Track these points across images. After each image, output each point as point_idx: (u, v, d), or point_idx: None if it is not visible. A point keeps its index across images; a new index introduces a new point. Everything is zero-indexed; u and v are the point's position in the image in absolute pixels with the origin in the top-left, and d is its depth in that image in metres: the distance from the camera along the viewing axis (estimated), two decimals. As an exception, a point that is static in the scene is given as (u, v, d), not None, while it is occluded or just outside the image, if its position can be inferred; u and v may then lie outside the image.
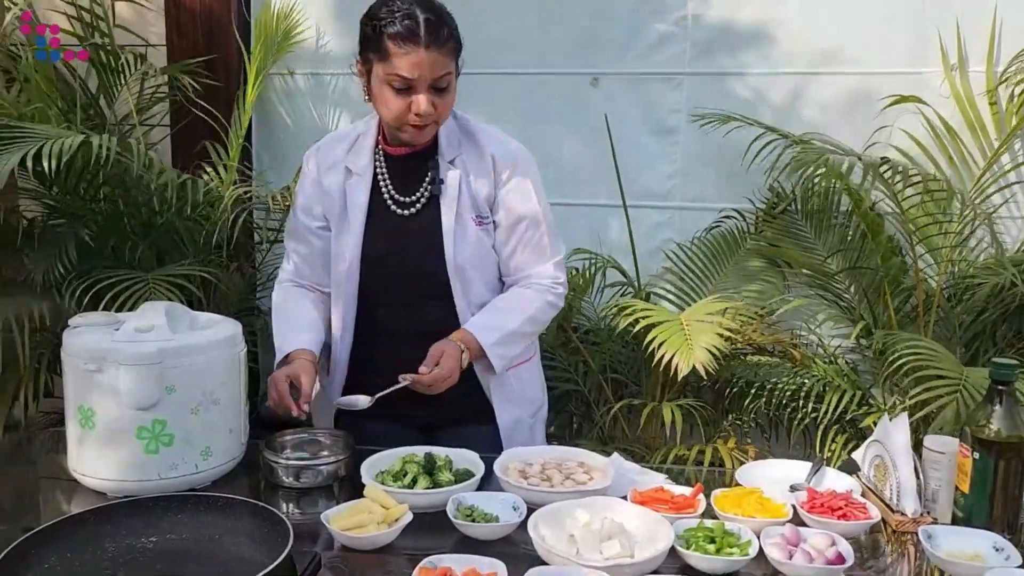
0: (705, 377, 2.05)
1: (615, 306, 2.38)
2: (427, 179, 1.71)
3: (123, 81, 2.53)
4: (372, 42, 1.58)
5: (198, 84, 2.55)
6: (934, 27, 2.43)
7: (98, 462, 1.42)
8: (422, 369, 1.59)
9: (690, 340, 2.05)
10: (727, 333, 2.12)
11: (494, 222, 1.72)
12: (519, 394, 1.80)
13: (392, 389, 1.59)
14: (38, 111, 2.25)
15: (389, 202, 1.72)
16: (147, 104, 2.63)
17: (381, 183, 1.72)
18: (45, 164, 1.91)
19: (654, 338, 2.09)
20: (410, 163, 1.71)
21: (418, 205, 1.71)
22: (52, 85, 2.43)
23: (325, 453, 1.57)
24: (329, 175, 1.74)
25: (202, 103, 2.62)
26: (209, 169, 2.52)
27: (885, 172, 2.17)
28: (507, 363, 1.72)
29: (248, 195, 2.36)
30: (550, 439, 2.09)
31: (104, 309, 1.99)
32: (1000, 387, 1.34)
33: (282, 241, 2.66)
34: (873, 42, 2.48)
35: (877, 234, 2.31)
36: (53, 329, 2.21)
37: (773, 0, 2.54)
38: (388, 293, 1.72)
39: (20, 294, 2.24)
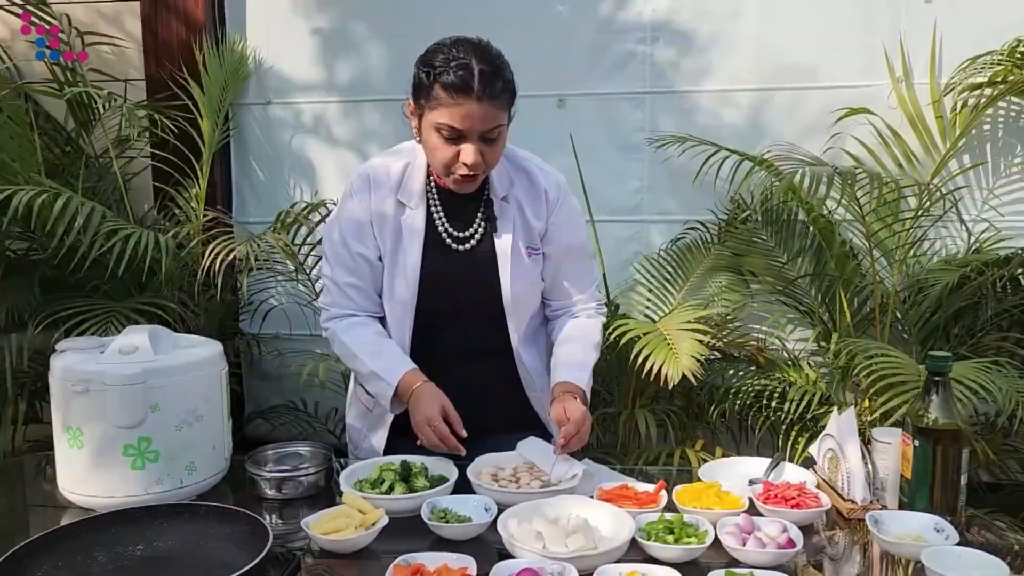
0: (694, 381, 2.11)
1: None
2: (480, 214, 1.73)
3: (96, 117, 2.59)
4: (425, 88, 1.57)
5: (176, 117, 2.61)
6: (880, 42, 2.54)
7: (87, 480, 1.48)
8: (565, 430, 1.58)
9: (674, 349, 2.12)
10: (706, 339, 2.20)
11: (543, 252, 1.77)
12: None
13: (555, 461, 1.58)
14: (14, 151, 2.31)
15: (444, 236, 1.73)
16: (125, 137, 2.69)
17: (435, 216, 1.73)
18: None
19: (640, 350, 2.14)
20: (461, 197, 1.71)
21: (473, 241, 1.73)
22: (27, 126, 2.47)
23: (305, 465, 1.63)
24: (383, 207, 1.71)
25: (186, 130, 2.68)
26: (182, 203, 2.58)
27: (840, 174, 2.26)
28: (590, 393, 1.76)
29: (214, 229, 2.40)
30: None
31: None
32: (936, 378, 1.42)
33: (261, 269, 2.75)
34: (826, 58, 2.60)
35: (831, 241, 2.41)
36: (32, 358, 2.27)
37: (729, 22, 2.65)
38: (443, 322, 1.75)
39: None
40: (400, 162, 1.75)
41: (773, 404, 2.36)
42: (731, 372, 2.53)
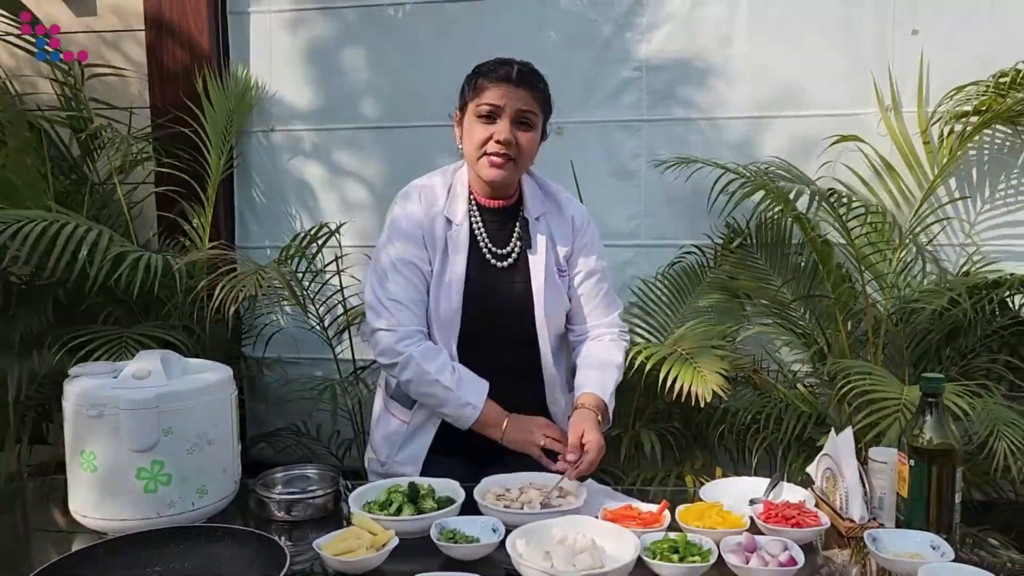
0: (724, 397, 2.16)
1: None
2: (516, 234, 1.86)
3: (101, 145, 2.62)
4: (470, 84, 1.79)
5: (180, 146, 2.65)
6: (869, 72, 2.62)
7: (99, 503, 1.50)
8: (570, 457, 1.66)
9: (699, 369, 2.16)
10: (728, 355, 2.24)
11: (571, 275, 1.90)
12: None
13: (559, 483, 1.64)
14: (23, 177, 2.35)
15: (487, 254, 1.84)
16: (129, 164, 2.73)
17: (477, 234, 1.84)
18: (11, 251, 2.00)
19: (667, 371, 2.17)
20: (501, 215, 1.86)
21: (511, 259, 1.85)
22: (34, 151, 2.52)
23: (314, 487, 1.66)
24: (434, 222, 1.82)
25: (190, 158, 2.73)
26: (188, 229, 2.62)
27: (832, 199, 2.32)
28: (612, 411, 1.87)
29: (216, 259, 2.43)
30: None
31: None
32: (930, 399, 1.47)
33: (265, 295, 2.78)
34: (816, 86, 2.66)
35: (827, 262, 2.46)
36: (40, 383, 2.29)
37: (722, 51, 2.72)
38: (482, 337, 1.84)
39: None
40: (443, 183, 1.87)
41: (770, 425, 2.39)
42: (729, 393, 2.56)
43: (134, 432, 1.47)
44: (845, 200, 2.36)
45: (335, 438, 2.88)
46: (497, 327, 1.84)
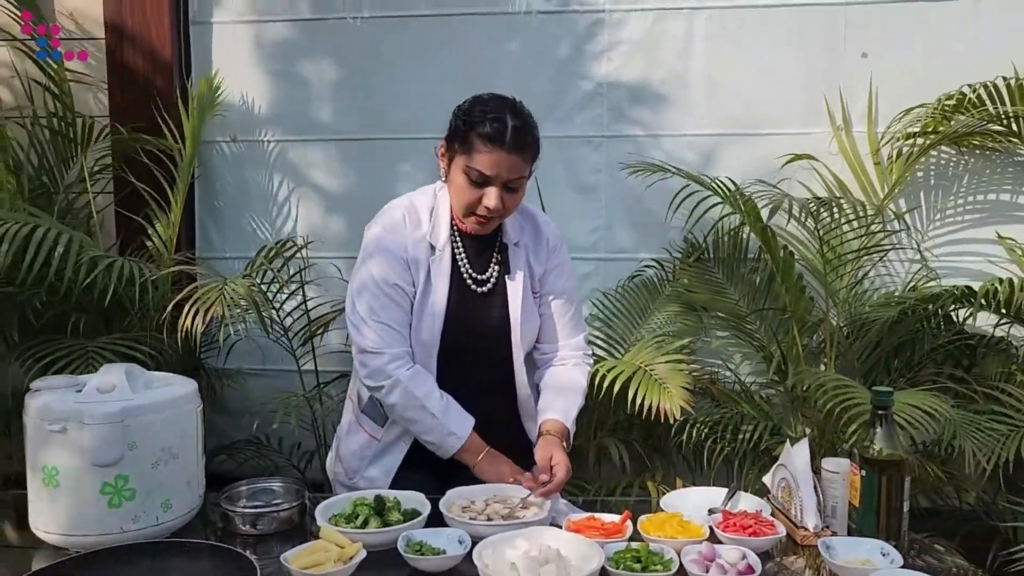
0: (692, 411, 2.22)
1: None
2: (495, 259, 1.88)
3: (79, 151, 2.60)
4: (460, 135, 1.73)
5: (141, 153, 2.63)
6: (822, 93, 2.71)
7: (61, 518, 1.48)
8: (542, 478, 1.71)
9: (666, 386, 2.21)
10: (691, 369, 2.30)
11: (543, 295, 1.94)
12: None
13: (528, 496, 1.67)
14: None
15: (468, 280, 1.86)
16: (93, 172, 2.70)
17: (459, 260, 1.85)
18: None
19: (636, 389, 2.23)
20: (482, 242, 1.87)
21: (490, 283, 1.87)
22: (5, 155, 2.48)
23: (279, 500, 1.66)
24: (417, 248, 1.81)
25: (150, 167, 2.70)
26: (154, 238, 2.59)
27: (811, 207, 2.38)
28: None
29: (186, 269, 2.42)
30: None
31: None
32: (880, 411, 1.53)
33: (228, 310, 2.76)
34: (772, 106, 2.75)
35: (788, 274, 2.53)
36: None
37: (681, 69, 2.79)
38: (461, 357, 1.86)
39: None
40: (426, 207, 1.86)
41: (727, 436, 2.46)
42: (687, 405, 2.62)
43: (99, 447, 1.46)
44: (825, 202, 2.41)
45: (296, 450, 2.87)
46: (476, 349, 1.87)
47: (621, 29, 2.80)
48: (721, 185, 2.50)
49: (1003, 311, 2.38)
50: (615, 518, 1.58)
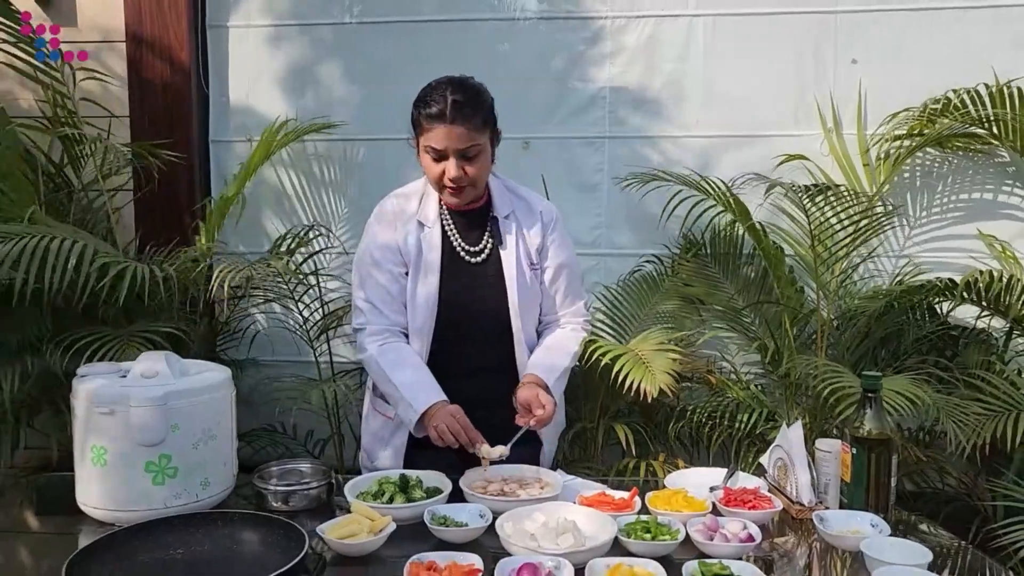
0: (670, 395, 2.30)
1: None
2: (487, 231, 1.97)
3: (88, 152, 2.67)
4: (415, 121, 1.88)
5: (160, 155, 2.72)
6: (813, 96, 2.84)
7: (109, 495, 1.58)
8: (538, 412, 1.83)
9: (650, 368, 2.32)
10: (677, 357, 2.41)
11: (542, 268, 2.02)
12: (556, 419, 2.03)
13: (519, 435, 1.82)
14: (7, 185, 2.39)
15: (460, 251, 1.96)
16: (111, 172, 2.78)
17: (450, 234, 1.96)
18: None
19: (620, 368, 2.32)
20: (472, 216, 1.98)
21: (484, 254, 1.97)
22: (19, 158, 2.56)
23: (308, 480, 1.77)
24: (406, 227, 1.95)
25: (168, 169, 2.79)
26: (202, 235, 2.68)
27: (809, 191, 2.48)
28: (560, 397, 1.98)
29: (210, 262, 2.51)
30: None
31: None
32: (869, 394, 1.66)
33: (246, 296, 2.87)
34: (766, 109, 2.88)
35: (778, 268, 2.65)
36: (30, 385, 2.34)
37: (679, 73, 2.91)
38: (460, 330, 1.95)
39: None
40: (416, 191, 2.00)
41: (725, 422, 2.58)
42: (686, 393, 2.74)
43: (144, 428, 1.56)
44: (823, 188, 2.51)
45: (310, 437, 2.97)
46: (475, 322, 1.95)
47: (622, 35, 2.92)
48: (714, 186, 2.62)
49: (984, 303, 2.51)
50: (624, 494, 1.69)
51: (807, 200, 2.46)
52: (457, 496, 1.68)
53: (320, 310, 2.89)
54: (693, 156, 2.92)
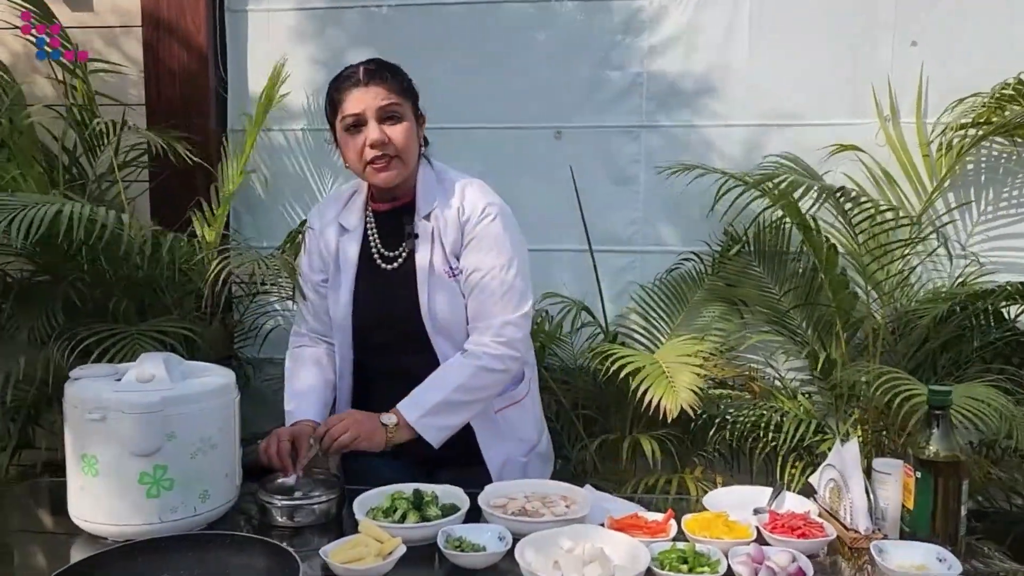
0: (692, 414, 2.16)
1: (592, 351, 2.51)
2: (405, 233, 1.83)
3: (105, 141, 2.59)
4: (329, 103, 1.80)
5: (177, 143, 2.63)
6: (869, 82, 2.63)
7: (100, 508, 1.48)
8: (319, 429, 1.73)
9: (672, 382, 2.17)
10: (703, 372, 2.25)
11: (460, 272, 1.80)
12: (508, 434, 1.89)
13: (307, 457, 1.71)
14: (23, 173, 2.32)
15: (376, 257, 1.84)
16: (127, 162, 2.70)
17: (370, 238, 1.85)
18: (14, 232, 1.93)
19: (640, 383, 2.18)
20: (394, 219, 1.84)
21: (399, 260, 1.83)
22: (35, 146, 2.50)
23: (316, 493, 1.64)
24: (327, 232, 1.87)
25: (187, 159, 2.69)
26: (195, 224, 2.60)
27: (840, 197, 2.32)
28: (445, 433, 1.75)
29: (227, 255, 2.41)
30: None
31: (93, 363, 2.06)
32: (936, 411, 1.48)
33: (262, 293, 2.77)
34: (816, 96, 2.68)
35: (831, 267, 2.46)
36: (35, 384, 2.26)
37: (722, 58, 2.73)
38: (377, 341, 1.85)
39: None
40: (347, 193, 1.92)
41: (769, 433, 2.41)
42: (727, 401, 2.58)
43: (138, 436, 1.45)
44: (853, 196, 2.33)
45: (328, 439, 2.86)
46: (392, 330, 1.84)
47: (662, 17, 2.74)
48: (762, 176, 2.44)
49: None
50: (658, 516, 1.54)
51: (850, 205, 2.28)
52: (475, 513, 1.55)
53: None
54: (736, 146, 2.74)
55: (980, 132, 2.48)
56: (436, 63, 2.83)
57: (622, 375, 2.21)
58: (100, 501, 1.48)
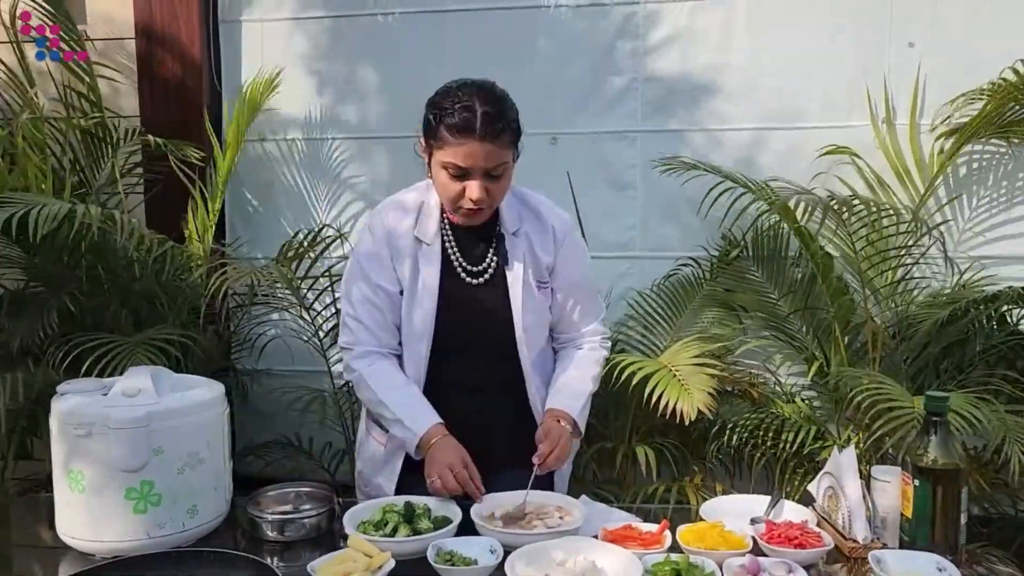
0: (709, 415, 2.15)
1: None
2: (492, 249, 1.79)
3: (111, 152, 2.60)
4: (432, 129, 1.65)
5: (172, 153, 2.63)
6: (864, 84, 2.61)
7: (87, 524, 1.46)
8: (541, 450, 1.67)
9: (686, 385, 2.14)
10: (716, 373, 2.23)
11: (551, 287, 1.84)
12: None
13: (532, 477, 1.64)
14: (33, 179, 2.32)
15: (460, 271, 1.78)
16: (124, 172, 2.70)
17: (450, 252, 1.79)
18: (31, 230, 1.94)
19: (653, 387, 2.17)
20: (475, 233, 1.79)
21: (487, 275, 1.79)
22: (44, 156, 2.49)
23: (307, 507, 1.62)
24: (401, 243, 1.77)
25: (180, 169, 2.69)
26: (188, 233, 2.59)
27: (834, 206, 2.30)
28: (584, 422, 1.84)
29: (223, 268, 2.41)
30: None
31: (87, 374, 2.05)
32: (935, 418, 1.45)
33: (257, 304, 2.75)
34: (811, 98, 2.67)
35: (827, 274, 2.44)
36: (30, 396, 2.25)
37: (718, 63, 2.71)
38: (457, 354, 1.79)
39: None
40: (415, 201, 1.81)
41: (768, 440, 2.38)
42: (726, 407, 2.55)
43: (124, 452, 1.44)
44: (853, 202, 2.32)
45: (327, 450, 2.84)
46: (475, 343, 1.79)
47: (657, 21, 2.73)
48: (756, 182, 2.42)
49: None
50: (653, 527, 1.52)
51: (846, 211, 2.25)
52: (468, 526, 1.52)
53: (333, 318, 2.75)
54: (733, 150, 2.72)
55: (971, 130, 2.44)
56: (430, 70, 2.78)
57: (635, 382, 2.19)
58: (87, 517, 1.47)
